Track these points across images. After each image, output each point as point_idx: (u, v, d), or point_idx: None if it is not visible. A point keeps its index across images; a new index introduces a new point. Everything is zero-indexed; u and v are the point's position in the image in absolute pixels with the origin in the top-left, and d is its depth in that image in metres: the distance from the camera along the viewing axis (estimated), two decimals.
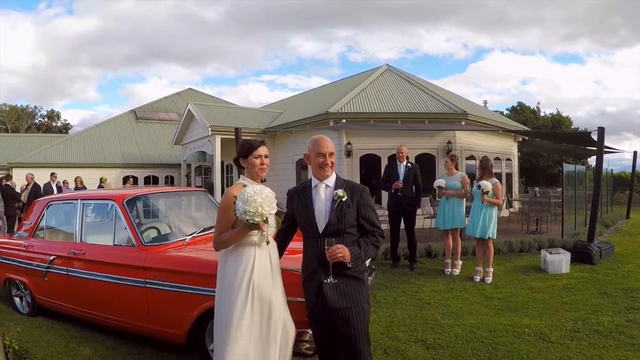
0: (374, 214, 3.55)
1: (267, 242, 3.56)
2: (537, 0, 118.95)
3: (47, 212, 6.83)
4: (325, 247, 3.26)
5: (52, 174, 18.11)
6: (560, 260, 8.85)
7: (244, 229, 3.42)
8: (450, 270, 8.94)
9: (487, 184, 8.19)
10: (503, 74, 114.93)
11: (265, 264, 3.57)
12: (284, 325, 3.65)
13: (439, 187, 8.79)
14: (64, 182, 19.81)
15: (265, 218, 3.35)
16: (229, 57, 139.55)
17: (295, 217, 3.68)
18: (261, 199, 3.31)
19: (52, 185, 17.52)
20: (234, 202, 3.40)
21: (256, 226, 3.38)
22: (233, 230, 3.49)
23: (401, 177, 9.26)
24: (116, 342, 5.56)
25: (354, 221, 3.44)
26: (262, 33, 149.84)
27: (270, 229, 3.64)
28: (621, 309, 6.61)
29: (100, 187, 17.34)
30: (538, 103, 55.14)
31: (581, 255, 9.73)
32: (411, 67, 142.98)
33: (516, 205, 20.62)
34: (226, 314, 3.50)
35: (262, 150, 3.74)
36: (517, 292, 7.54)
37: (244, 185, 3.56)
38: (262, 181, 3.81)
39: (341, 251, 3.23)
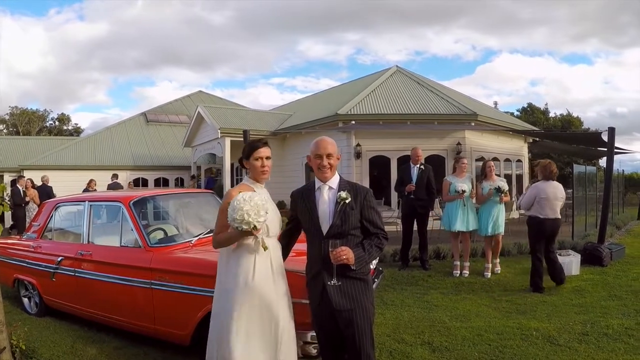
0: (377, 216, 3.53)
1: (265, 248, 3.52)
2: (544, 0, 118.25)
3: (56, 213, 6.87)
4: (329, 249, 3.25)
5: (114, 175, 18.95)
6: (570, 262, 8.78)
7: (237, 234, 3.42)
8: (458, 272, 8.90)
9: (505, 185, 8.63)
10: (511, 75, 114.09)
11: (265, 267, 3.55)
12: (285, 328, 3.62)
13: (463, 190, 8.71)
14: (129, 183, 21.27)
15: (253, 226, 3.30)
16: (238, 60, 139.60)
17: (299, 218, 3.67)
18: (248, 207, 3.28)
19: (120, 183, 18.52)
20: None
21: (248, 233, 3.37)
22: (229, 232, 3.49)
23: (414, 180, 9.26)
24: (122, 342, 5.58)
25: (357, 223, 3.43)
26: (271, 37, 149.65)
27: (270, 238, 3.64)
28: (631, 311, 6.55)
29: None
30: (546, 104, 54.80)
31: (591, 257, 9.66)
32: (420, 69, 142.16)
33: None
34: (225, 316, 3.51)
35: (264, 151, 3.68)
36: (525, 295, 7.49)
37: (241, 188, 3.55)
38: None
39: (345, 253, 3.22)
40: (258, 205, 3.33)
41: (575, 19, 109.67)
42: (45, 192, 16.05)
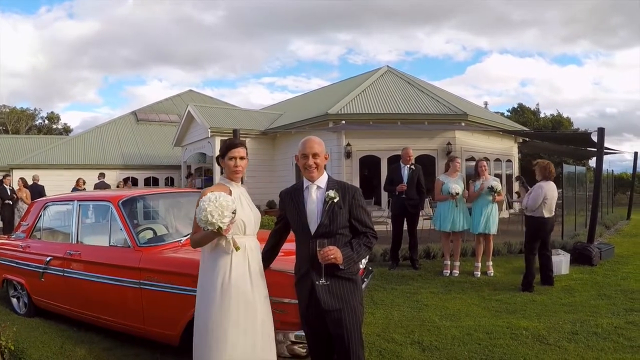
0: (366, 214, 3.51)
1: (237, 249, 3.51)
2: (535, 2, 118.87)
3: (44, 213, 6.82)
4: (317, 249, 3.24)
5: (101, 174, 18.71)
6: (559, 262, 8.81)
7: (209, 234, 3.42)
8: (449, 271, 8.92)
9: (498, 185, 8.63)
10: (502, 75, 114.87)
11: (242, 267, 3.57)
12: (265, 328, 3.66)
13: (457, 193, 8.69)
14: (127, 184, 21.54)
15: (217, 227, 3.29)
16: (229, 60, 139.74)
17: (288, 218, 3.66)
18: (212, 207, 3.26)
19: (106, 183, 18.31)
20: None
21: (217, 233, 3.37)
22: (202, 232, 3.49)
23: (405, 180, 9.25)
24: (112, 343, 5.54)
25: (346, 222, 3.42)
26: (262, 36, 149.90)
27: (247, 237, 3.66)
28: (620, 310, 6.58)
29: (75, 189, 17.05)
30: (537, 104, 54.99)
31: (581, 257, 9.71)
32: (411, 69, 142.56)
33: (516, 206, 20.57)
34: (205, 315, 3.55)
35: (237, 151, 3.72)
36: (515, 294, 7.50)
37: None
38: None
39: (333, 252, 3.21)
40: (222, 205, 3.29)
41: (565, 21, 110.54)
42: (37, 191, 15.97)
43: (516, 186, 20.04)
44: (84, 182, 17.59)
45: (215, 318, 3.50)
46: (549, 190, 7.75)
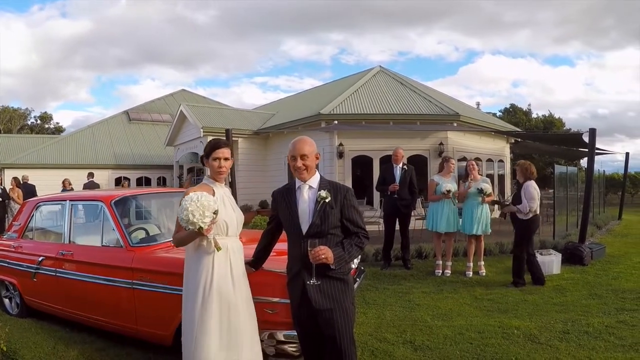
0: (358, 215, 3.52)
1: (218, 249, 3.55)
2: (527, 3, 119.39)
3: (36, 213, 6.79)
4: (308, 249, 3.25)
5: (90, 174, 18.39)
6: (551, 262, 8.85)
7: (190, 233, 3.46)
8: (441, 271, 8.93)
9: (488, 187, 8.64)
10: (494, 76, 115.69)
11: (224, 267, 3.62)
12: (246, 330, 3.70)
13: (448, 190, 8.73)
14: (124, 183, 21.26)
15: (198, 227, 3.32)
16: (221, 59, 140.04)
17: (280, 218, 3.67)
18: (194, 207, 3.29)
19: (95, 182, 17.94)
20: None
21: (198, 233, 3.40)
22: (184, 231, 3.52)
23: (397, 180, 9.28)
24: (105, 343, 5.52)
25: (337, 222, 3.43)
26: (255, 36, 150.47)
27: (230, 238, 3.70)
28: (611, 310, 6.61)
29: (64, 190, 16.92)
30: (529, 105, 55.19)
31: (572, 257, 9.74)
32: (403, 70, 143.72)
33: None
34: (191, 314, 3.60)
35: (222, 152, 3.75)
36: (507, 294, 7.53)
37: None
38: (230, 184, 3.84)
39: (324, 252, 3.21)
40: (204, 205, 3.33)
41: (557, 22, 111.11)
42: (29, 190, 15.89)
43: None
44: (70, 183, 17.46)
45: (198, 318, 3.54)
46: (537, 188, 7.84)
